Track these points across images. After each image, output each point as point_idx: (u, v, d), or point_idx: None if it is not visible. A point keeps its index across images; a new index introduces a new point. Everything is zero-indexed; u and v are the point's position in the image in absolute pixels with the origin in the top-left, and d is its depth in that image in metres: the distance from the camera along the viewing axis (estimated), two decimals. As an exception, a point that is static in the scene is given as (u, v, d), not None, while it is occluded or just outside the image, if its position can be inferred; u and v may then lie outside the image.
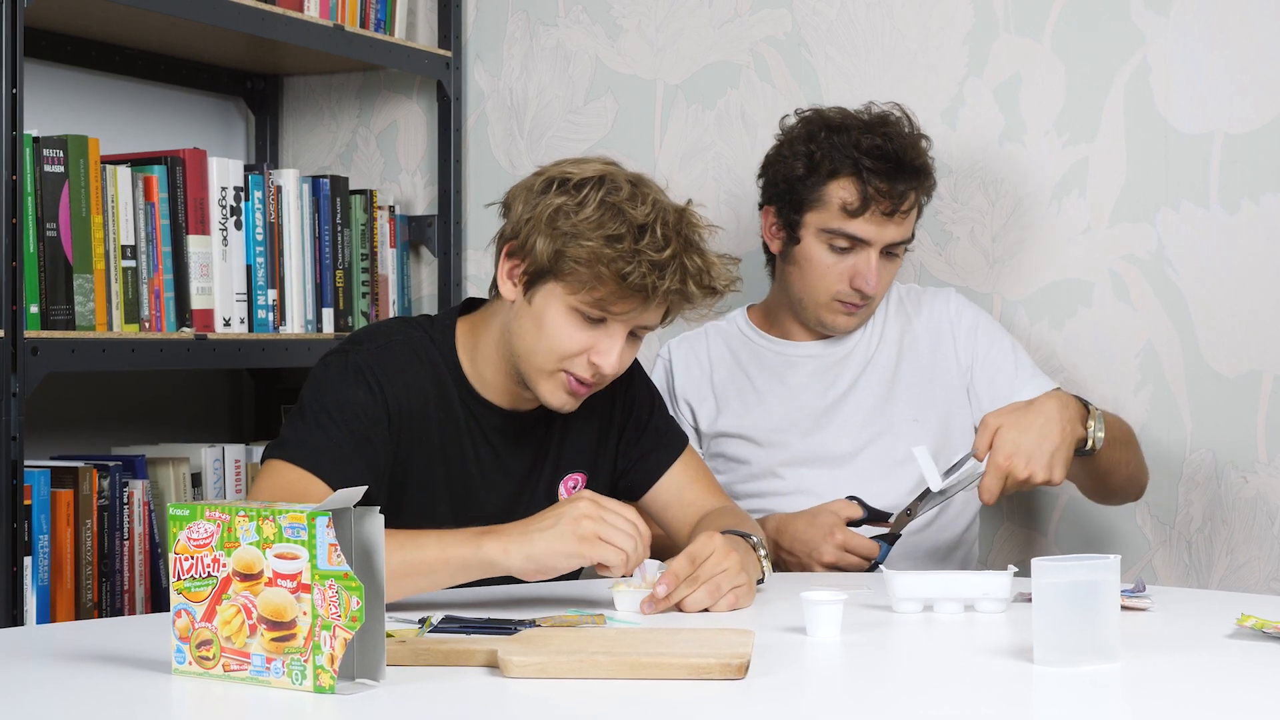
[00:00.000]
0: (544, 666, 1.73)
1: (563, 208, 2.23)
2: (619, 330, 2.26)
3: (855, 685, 1.79)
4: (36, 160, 2.62)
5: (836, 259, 2.77)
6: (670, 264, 2.21)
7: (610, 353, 2.26)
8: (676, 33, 3.36)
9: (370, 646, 1.70)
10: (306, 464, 2.21)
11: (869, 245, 2.75)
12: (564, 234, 2.22)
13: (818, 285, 2.80)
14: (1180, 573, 3.00)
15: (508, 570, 2.05)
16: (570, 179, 2.26)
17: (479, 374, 2.38)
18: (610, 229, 2.20)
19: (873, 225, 2.74)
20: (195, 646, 1.74)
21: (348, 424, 2.25)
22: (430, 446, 2.35)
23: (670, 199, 2.29)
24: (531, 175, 2.33)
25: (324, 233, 3.25)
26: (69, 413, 3.16)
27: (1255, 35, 2.94)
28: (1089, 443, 2.52)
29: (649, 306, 2.25)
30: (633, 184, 2.26)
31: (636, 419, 2.51)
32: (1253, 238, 2.94)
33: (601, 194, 2.23)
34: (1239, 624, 1.94)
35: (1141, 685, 1.73)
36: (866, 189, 2.72)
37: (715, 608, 2.12)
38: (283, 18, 3.12)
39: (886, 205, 2.73)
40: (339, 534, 1.68)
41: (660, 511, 2.53)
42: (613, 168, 2.30)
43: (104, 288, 2.75)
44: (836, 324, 2.84)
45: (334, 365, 2.31)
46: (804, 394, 2.88)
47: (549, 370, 2.28)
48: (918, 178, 2.78)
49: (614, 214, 2.21)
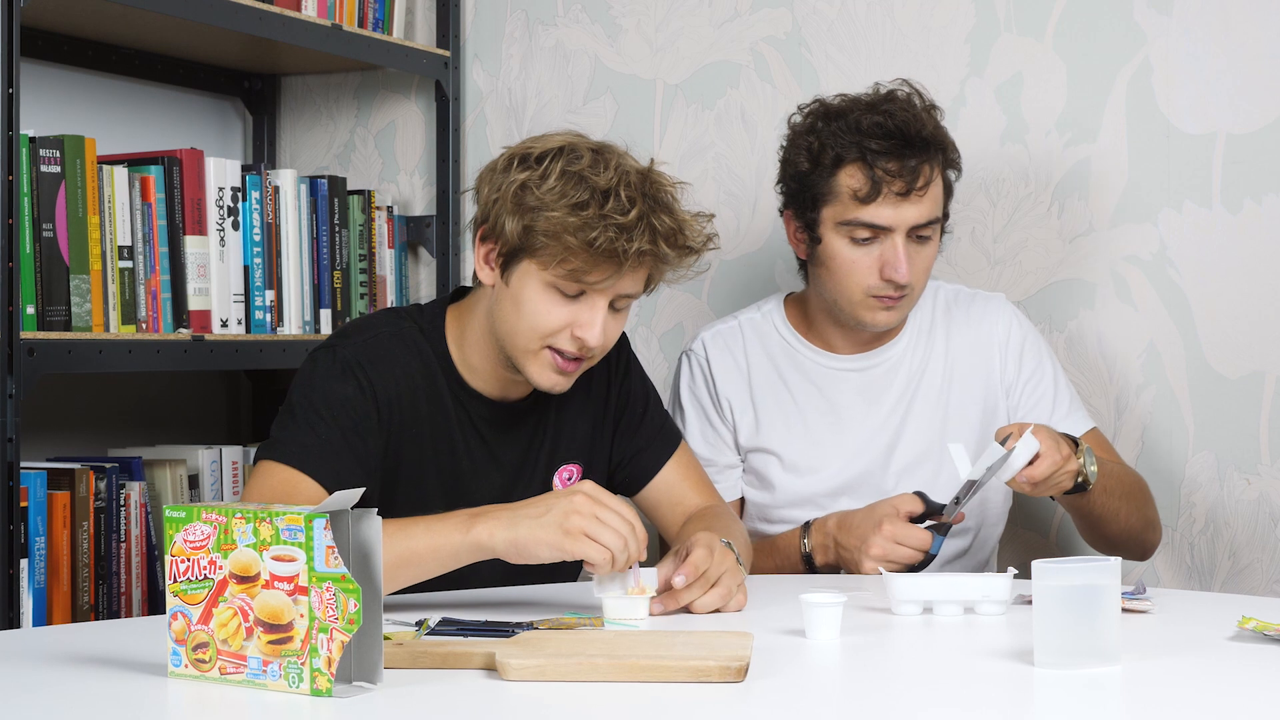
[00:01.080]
0: (542, 669, 1.73)
1: (526, 183, 2.23)
2: (599, 301, 2.25)
3: (855, 688, 1.79)
4: (33, 160, 2.62)
5: (861, 251, 2.62)
6: (638, 225, 2.19)
7: (593, 325, 2.25)
8: (676, 32, 3.36)
9: (368, 649, 1.70)
10: (297, 463, 2.21)
11: (891, 231, 2.60)
12: (530, 209, 2.21)
13: (847, 282, 2.64)
14: (1182, 575, 3.00)
15: (493, 551, 2.05)
16: (531, 153, 2.26)
17: (468, 363, 2.37)
18: (574, 197, 2.19)
19: (889, 209, 2.58)
20: (192, 649, 1.74)
21: (337, 420, 2.25)
22: (421, 438, 2.34)
23: (635, 161, 2.27)
24: (497, 156, 2.32)
25: (322, 233, 3.25)
26: (65, 414, 3.16)
27: (1258, 35, 2.94)
28: (1080, 477, 2.46)
29: (623, 273, 2.23)
30: (595, 151, 2.25)
31: (631, 411, 2.51)
32: (1255, 238, 2.94)
33: (562, 164, 2.22)
34: (1240, 626, 1.94)
35: (1142, 688, 1.73)
36: (874, 172, 2.57)
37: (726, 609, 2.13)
38: (280, 17, 3.11)
39: (900, 185, 2.58)
40: (336, 536, 1.68)
41: (651, 509, 2.53)
42: (575, 138, 2.29)
43: (101, 288, 2.75)
44: (876, 320, 2.67)
45: (321, 361, 2.31)
46: (849, 413, 2.75)
47: (534, 350, 2.27)
48: (929, 150, 2.60)
49: (576, 182, 2.20)
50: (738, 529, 2.46)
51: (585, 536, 2.02)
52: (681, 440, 2.56)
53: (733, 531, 2.40)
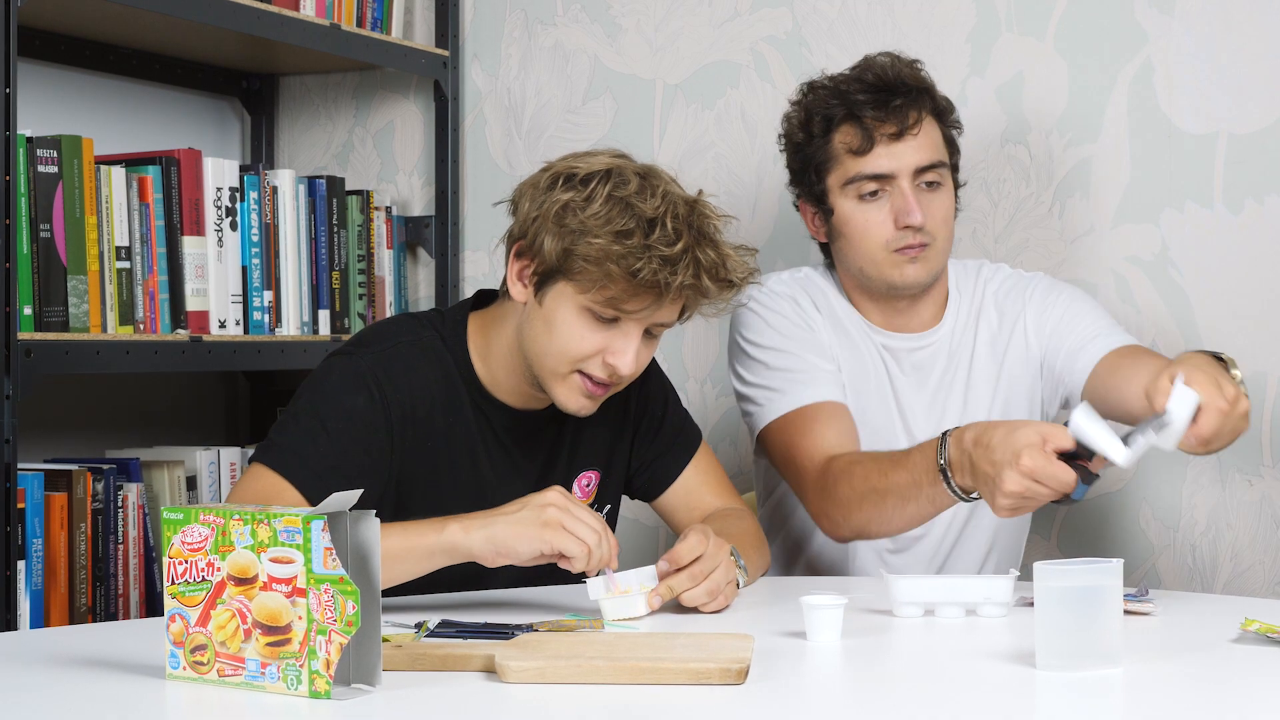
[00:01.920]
0: (542, 671, 1.73)
1: (570, 204, 2.18)
2: (634, 329, 2.21)
3: (856, 690, 1.79)
4: (30, 160, 2.62)
5: (872, 208, 2.60)
6: (683, 258, 2.15)
7: (626, 353, 2.21)
8: (676, 32, 3.36)
9: (366, 651, 1.69)
10: (287, 473, 2.19)
11: (894, 178, 2.59)
12: (572, 231, 2.17)
13: (866, 243, 2.61)
14: (1184, 577, 3.00)
15: (469, 552, 2.05)
16: (577, 173, 2.22)
17: (491, 375, 2.34)
18: (619, 224, 2.15)
19: (886, 154, 2.59)
20: (190, 651, 1.74)
21: (340, 434, 2.22)
22: (436, 451, 2.32)
23: (682, 189, 2.24)
24: (539, 171, 2.28)
25: (320, 233, 3.24)
26: (63, 415, 3.16)
27: (1259, 35, 2.94)
28: None
29: (663, 303, 2.19)
30: (641, 176, 2.21)
31: (651, 416, 2.49)
32: (1257, 238, 2.94)
33: (609, 188, 2.18)
34: (1243, 629, 1.93)
35: (1144, 691, 1.73)
36: (864, 121, 2.58)
37: (708, 607, 2.12)
38: (278, 17, 3.11)
39: (890, 128, 2.58)
40: (334, 538, 1.67)
41: (669, 514, 2.52)
42: (621, 160, 2.25)
43: (98, 289, 2.74)
44: (905, 277, 2.62)
45: (336, 368, 2.28)
46: (903, 389, 2.70)
47: (563, 373, 2.24)
48: (911, 93, 2.61)
49: (622, 209, 2.16)
50: (751, 531, 2.45)
51: (563, 529, 2.03)
52: (701, 443, 2.55)
53: (745, 532, 2.39)
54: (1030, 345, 2.71)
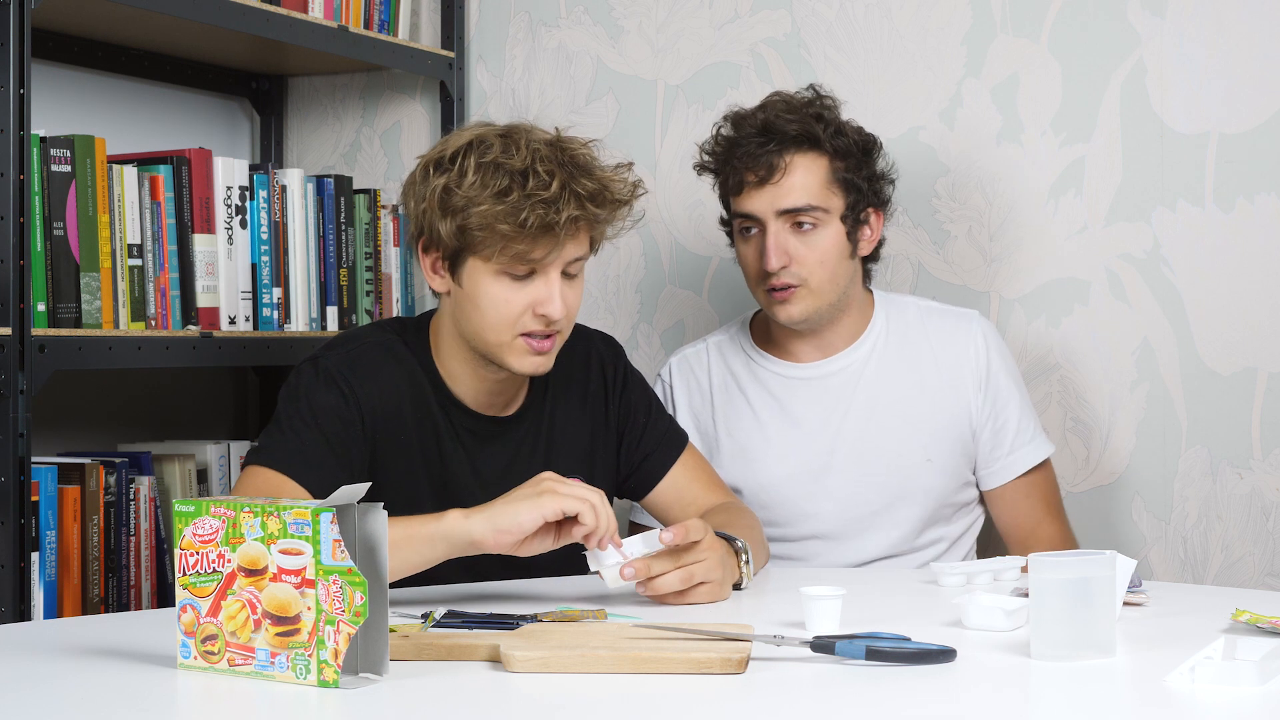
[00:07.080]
0: (546, 661, 1.74)
1: (447, 185, 2.26)
2: (551, 274, 2.27)
3: (854, 679, 1.78)
4: (44, 160, 2.63)
5: (750, 245, 2.72)
6: (562, 195, 2.22)
7: (552, 299, 2.27)
8: (677, 33, 3.38)
9: (374, 641, 1.71)
10: (282, 467, 2.24)
11: (763, 220, 2.68)
12: (458, 209, 2.24)
13: (748, 278, 2.76)
14: (1176, 568, 3.02)
15: (469, 536, 2.06)
16: (444, 154, 2.29)
17: (451, 372, 2.39)
18: (495, 186, 2.22)
19: (752, 197, 2.69)
20: (200, 641, 1.75)
21: (321, 428, 2.28)
22: (409, 446, 2.36)
23: (543, 132, 2.30)
24: (414, 168, 2.35)
25: (328, 231, 3.26)
26: (76, 410, 3.17)
27: (1251, 35, 2.95)
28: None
29: (562, 241, 2.25)
30: (502, 136, 2.28)
31: (634, 422, 2.53)
32: (1248, 237, 2.96)
33: (475, 158, 2.25)
34: (1234, 619, 1.95)
35: (1138, 680, 1.74)
36: (733, 164, 2.69)
37: (690, 597, 2.14)
38: (287, 19, 3.13)
39: (756, 173, 2.67)
40: (343, 530, 1.69)
41: (663, 511, 2.54)
42: (482, 129, 2.32)
43: (110, 286, 2.76)
44: (778, 316, 2.72)
45: (305, 372, 2.34)
46: (805, 415, 2.79)
47: (506, 340, 2.30)
48: (788, 139, 2.67)
49: (493, 171, 2.23)
50: (754, 525, 2.48)
51: (560, 494, 2.05)
52: (687, 443, 2.58)
53: (750, 526, 2.43)
54: (963, 391, 2.79)
